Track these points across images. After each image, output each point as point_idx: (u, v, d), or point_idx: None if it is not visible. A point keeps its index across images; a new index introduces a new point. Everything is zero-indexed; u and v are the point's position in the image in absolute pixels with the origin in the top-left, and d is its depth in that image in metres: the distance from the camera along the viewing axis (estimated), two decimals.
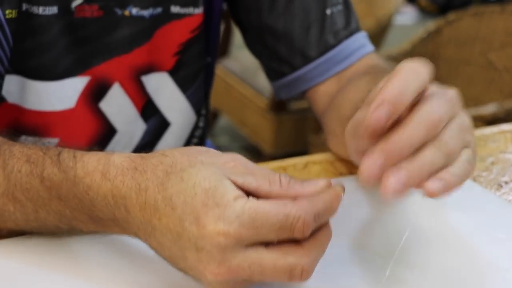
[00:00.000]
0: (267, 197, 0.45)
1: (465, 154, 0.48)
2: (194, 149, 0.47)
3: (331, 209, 0.45)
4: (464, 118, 0.49)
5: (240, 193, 0.44)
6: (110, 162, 0.47)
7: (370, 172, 0.45)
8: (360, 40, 0.76)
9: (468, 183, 0.68)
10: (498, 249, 0.58)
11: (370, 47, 0.77)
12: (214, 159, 0.46)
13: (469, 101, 1.84)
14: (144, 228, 0.46)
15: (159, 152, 0.47)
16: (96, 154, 0.48)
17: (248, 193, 0.45)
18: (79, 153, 0.49)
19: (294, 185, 0.45)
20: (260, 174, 0.45)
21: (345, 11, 0.76)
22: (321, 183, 0.46)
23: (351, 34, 0.75)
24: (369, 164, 0.45)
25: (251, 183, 0.45)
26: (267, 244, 0.44)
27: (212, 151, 0.47)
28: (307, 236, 0.44)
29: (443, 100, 0.48)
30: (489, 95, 1.88)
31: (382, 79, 0.52)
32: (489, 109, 1.62)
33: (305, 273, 0.44)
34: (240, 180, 0.45)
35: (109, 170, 0.47)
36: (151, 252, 0.47)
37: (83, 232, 0.51)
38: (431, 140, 0.46)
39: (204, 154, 0.46)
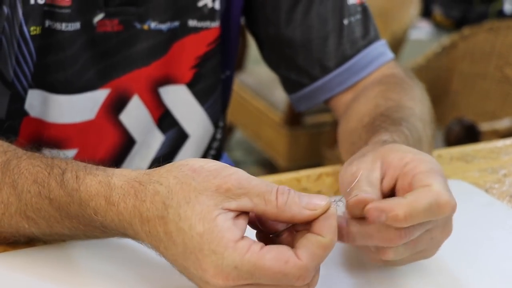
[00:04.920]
0: (264, 216, 0.46)
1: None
2: (187, 169, 0.46)
3: (329, 252, 0.46)
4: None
5: (238, 232, 0.44)
6: (111, 185, 0.48)
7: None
8: (379, 49, 0.77)
9: (480, 193, 0.69)
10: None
11: (389, 55, 0.77)
12: (207, 184, 0.45)
13: (484, 115, 1.85)
14: (153, 249, 0.48)
15: (155, 177, 0.47)
16: (96, 176, 0.49)
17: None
18: (81, 173, 0.50)
19: (291, 206, 0.45)
20: (256, 194, 0.45)
21: (363, 20, 0.76)
22: (321, 204, 0.46)
23: (369, 43, 0.76)
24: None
25: (245, 205, 0.45)
26: None
27: (206, 170, 0.46)
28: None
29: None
30: (505, 110, 1.87)
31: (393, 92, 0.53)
32: (504, 123, 1.62)
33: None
34: (233, 206, 0.45)
35: (112, 194, 0.48)
36: (155, 260, 0.49)
37: (99, 238, 0.53)
38: None
39: (197, 177, 0.46)
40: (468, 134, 1.54)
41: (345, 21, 0.75)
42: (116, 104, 0.74)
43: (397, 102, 0.68)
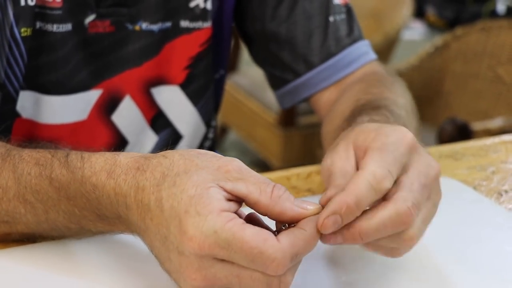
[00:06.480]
0: (255, 206, 0.46)
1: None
2: (194, 151, 0.48)
3: (310, 247, 0.46)
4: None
5: (226, 205, 0.45)
6: (117, 162, 0.49)
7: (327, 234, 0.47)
8: (362, 48, 0.78)
9: (469, 190, 0.70)
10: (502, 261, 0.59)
11: (372, 55, 0.78)
12: (209, 163, 0.47)
13: (477, 114, 1.86)
14: (139, 226, 0.48)
15: (161, 153, 0.49)
16: (103, 155, 0.50)
17: (241, 200, 0.46)
18: (86, 154, 0.51)
19: (285, 202, 0.46)
20: (253, 182, 0.46)
21: (348, 20, 0.77)
22: (311, 208, 0.46)
23: (353, 41, 0.77)
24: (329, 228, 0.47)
25: (240, 189, 0.46)
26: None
27: (211, 154, 0.48)
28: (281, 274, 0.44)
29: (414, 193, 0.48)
30: (497, 109, 1.88)
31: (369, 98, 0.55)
32: (496, 122, 1.63)
33: (283, 285, 0.45)
34: (229, 186, 0.46)
35: (115, 169, 0.49)
36: (149, 256, 0.49)
37: (92, 233, 0.53)
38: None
39: (202, 157, 0.47)
40: (461, 134, 1.55)
41: (331, 19, 0.76)
42: (108, 105, 0.74)
43: (378, 95, 0.69)
